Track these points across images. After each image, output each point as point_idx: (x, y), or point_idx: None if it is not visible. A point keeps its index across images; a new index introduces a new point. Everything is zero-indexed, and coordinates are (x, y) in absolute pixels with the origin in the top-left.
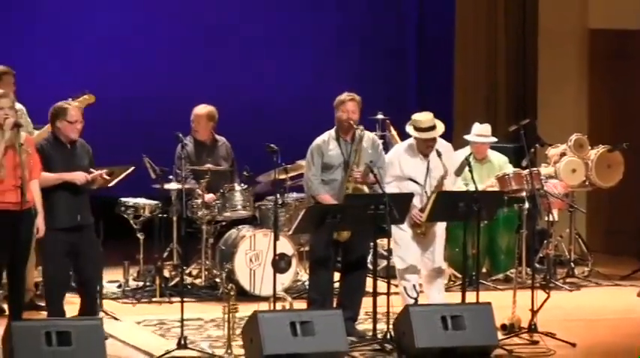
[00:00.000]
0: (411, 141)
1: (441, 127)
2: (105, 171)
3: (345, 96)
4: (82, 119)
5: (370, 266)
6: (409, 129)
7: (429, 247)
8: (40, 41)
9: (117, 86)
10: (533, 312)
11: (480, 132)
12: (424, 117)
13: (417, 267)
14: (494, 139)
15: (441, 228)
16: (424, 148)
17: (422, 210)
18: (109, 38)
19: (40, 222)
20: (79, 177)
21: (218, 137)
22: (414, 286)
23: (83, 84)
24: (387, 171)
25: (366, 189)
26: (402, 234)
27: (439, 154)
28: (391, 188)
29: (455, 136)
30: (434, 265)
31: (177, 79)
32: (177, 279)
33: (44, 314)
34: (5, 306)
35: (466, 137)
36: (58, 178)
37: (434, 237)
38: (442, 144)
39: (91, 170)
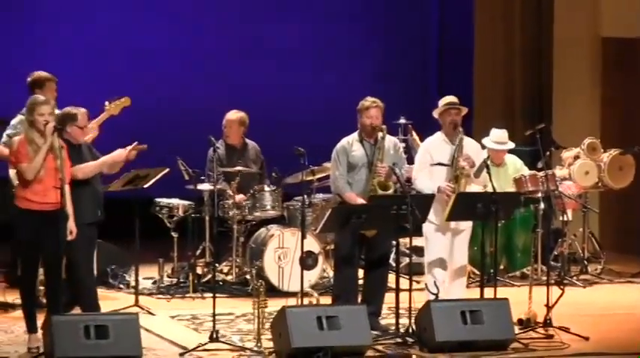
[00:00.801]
0: (438, 132)
1: (464, 109)
2: (136, 143)
3: (368, 102)
4: (88, 124)
5: (393, 263)
6: (435, 112)
7: (455, 246)
8: (80, 50)
9: (154, 92)
10: (549, 308)
11: (498, 139)
12: (448, 97)
13: (444, 263)
14: (512, 146)
15: (467, 229)
16: (448, 125)
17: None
18: (146, 48)
19: (72, 225)
20: (119, 154)
21: (248, 141)
22: (435, 282)
23: (122, 89)
24: (420, 160)
25: (391, 184)
26: (432, 232)
27: (462, 139)
28: (423, 174)
29: (474, 139)
30: (458, 264)
31: (210, 85)
32: (209, 276)
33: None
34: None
35: (484, 143)
36: (102, 162)
37: (461, 236)
38: (471, 143)
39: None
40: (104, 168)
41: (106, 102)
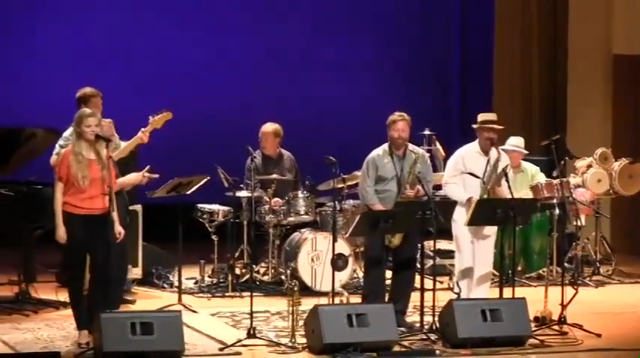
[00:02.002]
0: (474, 142)
1: (500, 127)
2: (147, 168)
3: (396, 116)
4: (114, 133)
5: (418, 265)
6: (475, 125)
7: (482, 250)
8: (125, 64)
9: (196, 105)
10: (563, 306)
11: (514, 143)
12: (489, 114)
13: (471, 266)
14: (526, 151)
15: (493, 236)
16: (484, 142)
17: None
18: (190, 62)
19: (119, 228)
20: (135, 178)
21: (283, 151)
22: (457, 283)
23: (164, 103)
24: (452, 166)
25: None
26: (461, 237)
27: (497, 160)
28: (455, 181)
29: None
30: (484, 268)
31: (248, 98)
32: (247, 276)
33: (130, 307)
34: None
35: (501, 147)
36: (120, 183)
37: (487, 241)
38: (505, 159)
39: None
40: (119, 188)
41: (150, 117)
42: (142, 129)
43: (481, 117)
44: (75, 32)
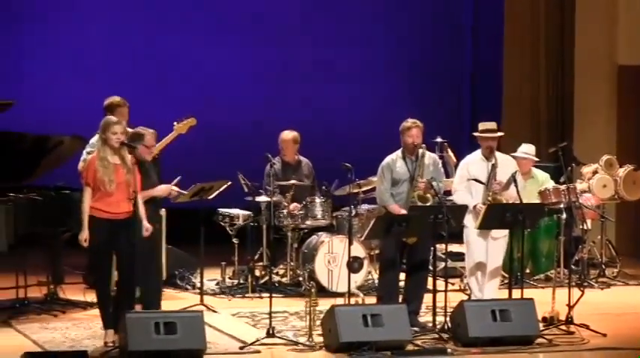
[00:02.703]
0: (478, 150)
1: (499, 134)
2: (177, 180)
3: (409, 122)
4: (155, 144)
5: (431, 267)
6: (476, 133)
7: (492, 251)
8: (151, 72)
9: (218, 114)
10: (570, 307)
11: (526, 150)
12: (488, 123)
13: (481, 261)
14: (536, 159)
15: (503, 237)
16: (485, 149)
17: (484, 204)
18: (214, 71)
19: (146, 224)
20: (164, 190)
21: (301, 158)
22: (468, 285)
23: (189, 110)
24: (459, 174)
25: (429, 197)
26: (471, 238)
27: (494, 166)
28: (462, 187)
29: None
30: (493, 266)
31: (268, 107)
32: (266, 278)
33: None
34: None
35: (513, 154)
36: (147, 195)
37: (498, 243)
38: (506, 161)
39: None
40: (147, 198)
41: (175, 122)
42: (165, 139)
43: (481, 126)
44: (103, 41)
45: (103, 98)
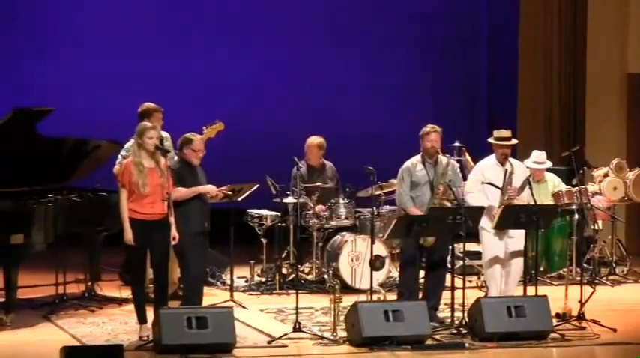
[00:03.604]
0: (492, 155)
1: (514, 141)
2: (225, 187)
3: (429, 128)
4: (203, 148)
5: (449, 265)
6: (491, 139)
7: (511, 249)
8: (182, 80)
9: (247, 118)
10: (582, 303)
11: (537, 159)
12: (503, 131)
13: (499, 263)
14: (549, 164)
15: (519, 237)
16: (499, 155)
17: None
18: (244, 81)
19: (174, 232)
20: (210, 188)
21: (326, 162)
22: (485, 282)
23: (218, 115)
24: (472, 178)
25: (448, 205)
26: (489, 238)
27: (511, 173)
28: (475, 190)
29: (518, 160)
30: (514, 264)
31: (294, 113)
32: (292, 275)
33: None
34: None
35: (526, 163)
36: (194, 191)
37: (514, 241)
38: (519, 166)
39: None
40: (193, 195)
41: (204, 127)
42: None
43: (496, 133)
44: (137, 50)
45: (136, 105)
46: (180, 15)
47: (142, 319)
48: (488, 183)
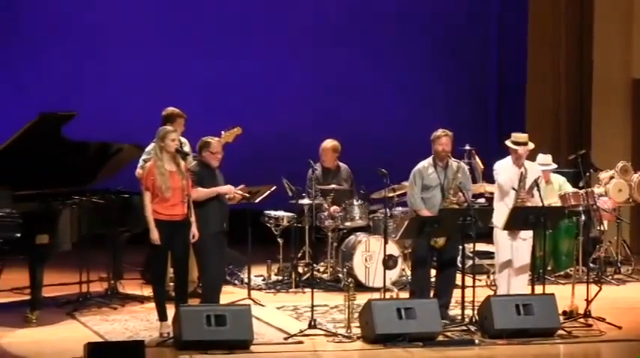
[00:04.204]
0: (509, 157)
1: (531, 146)
2: (242, 187)
3: (440, 132)
4: (221, 151)
5: (459, 264)
6: (508, 142)
7: (520, 250)
8: (203, 84)
9: (265, 123)
10: (588, 302)
11: (543, 161)
12: (520, 135)
13: (509, 259)
14: (555, 166)
15: (529, 239)
16: (515, 158)
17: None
18: (261, 86)
19: (194, 230)
20: (228, 188)
21: (341, 164)
22: (496, 280)
23: (237, 120)
24: (501, 174)
25: (459, 208)
26: (501, 239)
27: (525, 175)
28: (494, 190)
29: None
30: (521, 264)
31: (310, 117)
32: (308, 274)
33: None
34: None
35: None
36: (213, 191)
37: (525, 243)
38: (532, 167)
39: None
40: (213, 195)
41: (222, 131)
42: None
43: (513, 137)
44: (154, 54)
45: (156, 110)
46: (202, 22)
47: (162, 316)
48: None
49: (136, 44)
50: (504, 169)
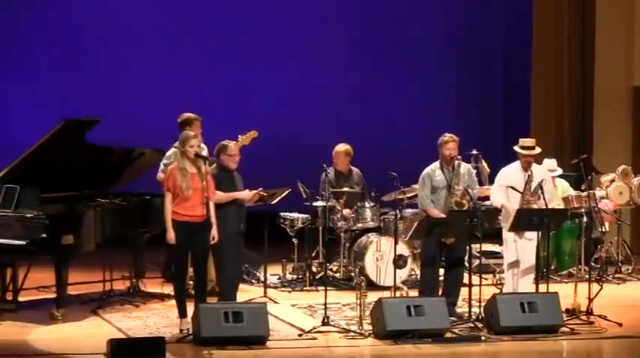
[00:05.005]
0: (517, 161)
1: (538, 150)
2: (260, 189)
3: (447, 137)
4: (239, 153)
5: (467, 264)
6: (516, 147)
7: (526, 250)
8: (216, 93)
9: (281, 128)
10: (590, 300)
11: (550, 167)
12: (528, 140)
13: (516, 260)
14: (560, 172)
15: (534, 240)
16: (523, 162)
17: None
18: (278, 93)
19: (214, 232)
20: (246, 194)
21: (353, 168)
22: (504, 278)
23: (252, 125)
24: (498, 181)
25: (465, 203)
26: (508, 238)
27: (531, 180)
28: (500, 193)
29: None
30: (527, 264)
31: (323, 123)
32: (322, 273)
33: None
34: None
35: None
36: (231, 196)
37: (531, 243)
38: (539, 169)
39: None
40: (231, 199)
41: (239, 135)
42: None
43: (522, 142)
44: (172, 60)
45: (175, 116)
46: (221, 32)
47: (182, 313)
48: (510, 187)
49: (154, 50)
50: (504, 177)
